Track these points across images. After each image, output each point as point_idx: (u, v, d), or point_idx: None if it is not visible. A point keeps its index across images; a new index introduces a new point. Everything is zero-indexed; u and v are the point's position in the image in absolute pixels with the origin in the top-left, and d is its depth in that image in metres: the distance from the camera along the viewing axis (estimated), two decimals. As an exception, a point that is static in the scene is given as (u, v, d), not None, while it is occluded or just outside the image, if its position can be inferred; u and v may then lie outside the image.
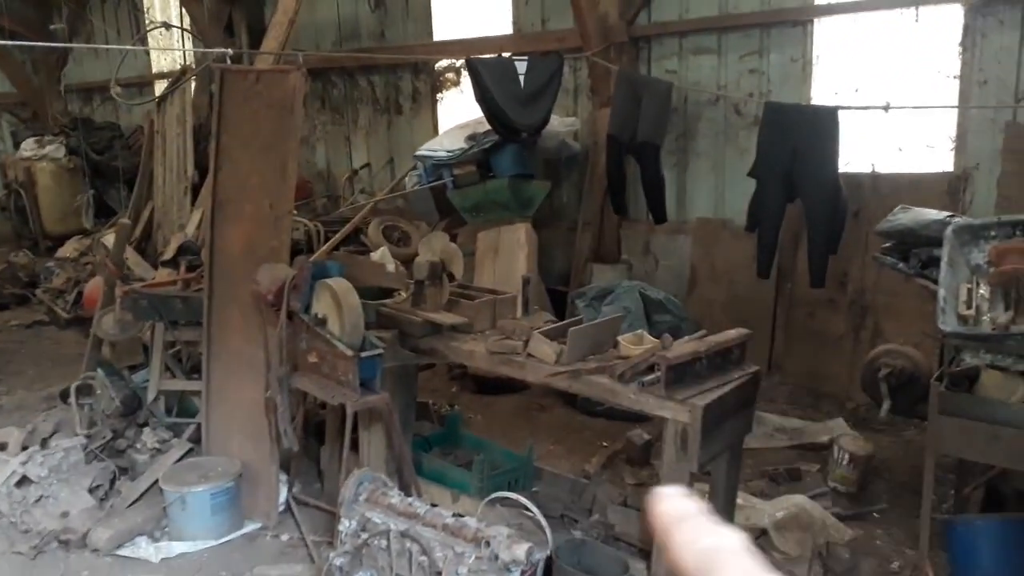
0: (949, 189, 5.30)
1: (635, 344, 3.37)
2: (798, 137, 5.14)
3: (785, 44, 5.96)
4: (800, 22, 5.88)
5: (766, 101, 5.59)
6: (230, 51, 4.63)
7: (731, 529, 0.41)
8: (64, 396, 4.65)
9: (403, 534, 2.83)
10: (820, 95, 5.85)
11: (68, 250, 8.64)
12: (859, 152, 5.64)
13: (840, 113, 5.07)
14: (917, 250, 3.75)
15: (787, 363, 5.98)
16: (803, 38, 5.89)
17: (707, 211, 6.52)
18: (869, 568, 3.59)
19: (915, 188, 5.31)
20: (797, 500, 3.83)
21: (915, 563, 3.50)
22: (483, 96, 6.02)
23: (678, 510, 0.42)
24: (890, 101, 5.18)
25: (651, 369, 3.11)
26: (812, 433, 4.95)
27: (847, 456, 4.26)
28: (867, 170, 5.68)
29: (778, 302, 6.02)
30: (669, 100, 6.01)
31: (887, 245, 3.95)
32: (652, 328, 4.83)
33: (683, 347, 3.11)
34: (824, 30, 5.84)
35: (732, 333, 3.31)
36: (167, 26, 10.13)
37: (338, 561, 2.91)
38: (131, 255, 7.06)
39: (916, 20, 5.37)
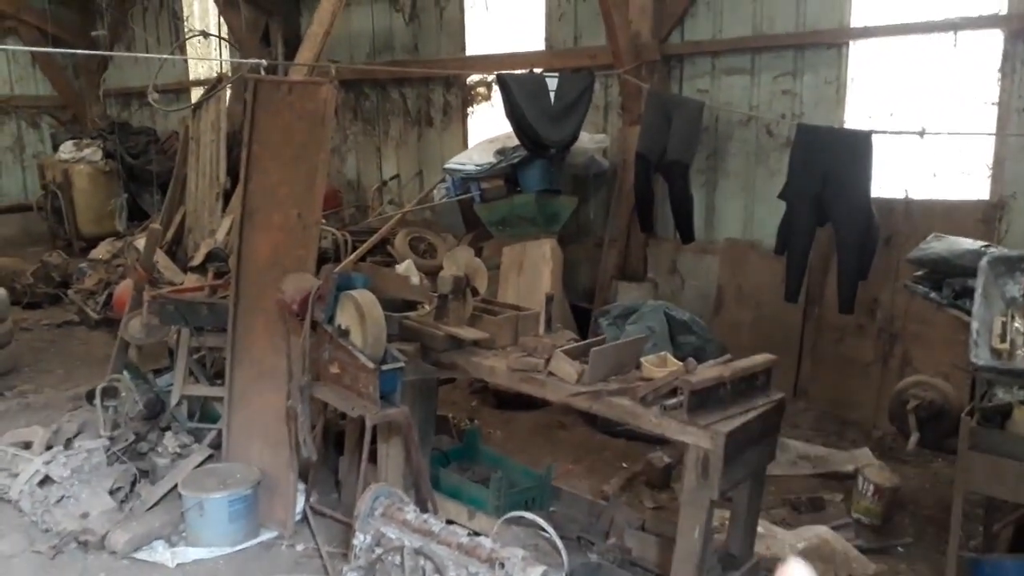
0: (984, 217, 5.20)
1: (658, 366, 3.33)
2: (830, 160, 5.08)
3: (819, 66, 5.91)
4: (835, 44, 5.82)
5: (798, 123, 5.54)
6: (264, 61, 4.69)
7: None
8: (90, 397, 4.70)
9: (417, 551, 2.81)
10: (854, 118, 5.79)
11: (101, 252, 8.78)
12: (892, 177, 5.56)
13: (874, 137, 5.00)
14: (950, 280, 3.68)
15: (813, 389, 5.89)
16: (838, 60, 5.83)
17: (736, 232, 6.46)
18: (893, 604, 3.50)
19: (949, 215, 5.22)
20: (819, 531, 3.75)
21: (940, 601, 3.40)
22: (513, 111, 6.03)
23: None
24: (926, 126, 5.11)
25: (674, 393, 3.07)
26: (837, 462, 4.86)
27: (872, 487, 4.17)
28: (900, 196, 5.59)
29: (805, 327, 5.93)
30: (700, 119, 5.98)
31: (919, 273, 3.88)
32: (676, 349, 4.78)
33: (707, 372, 3.07)
34: (859, 53, 5.78)
35: (758, 359, 3.25)
36: (205, 35, 10.32)
37: (352, 575, 2.90)
38: (162, 259, 7.17)
39: (954, 45, 5.29)
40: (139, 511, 4.00)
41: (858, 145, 5.03)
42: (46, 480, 4.02)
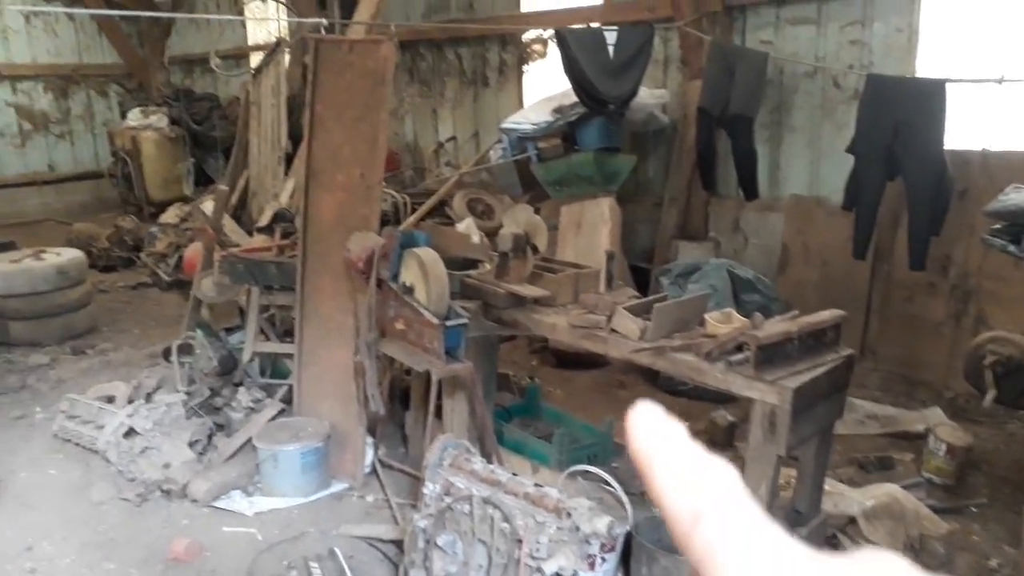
0: (1068, 168, 4.96)
1: (723, 323, 3.31)
2: (901, 112, 4.89)
3: (890, 13, 5.66)
4: (909, -10, 5.57)
5: (868, 73, 5.33)
6: (325, 21, 4.71)
7: (722, 463, 0.34)
8: (166, 354, 4.90)
9: (485, 500, 2.88)
10: (927, 67, 5.54)
11: (170, 216, 9.06)
12: (968, 128, 5.33)
13: (948, 86, 4.79)
14: (1031, 233, 3.53)
15: (881, 348, 5.76)
16: (910, 6, 5.57)
17: (801, 188, 6.30)
18: (965, 564, 3.45)
19: (1030, 167, 4.99)
20: (889, 489, 3.70)
21: (1016, 561, 3.34)
22: (571, 67, 5.95)
23: (662, 434, 0.35)
24: (1005, 74, 4.87)
25: (739, 348, 3.05)
26: (906, 421, 4.76)
27: (944, 446, 4.09)
28: (977, 148, 5.36)
29: (874, 285, 5.78)
30: (764, 72, 5.81)
31: (997, 226, 3.73)
32: (740, 308, 4.71)
33: (774, 327, 3.03)
34: (934, -2, 5.52)
35: (826, 314, 3.20)
36: (263, -1, 10.40)
37: (422, 523, 2.99)
38: (227, 222, 7.35)
39: (1039, -14, 5.01)
40: (217, 462, 4.18)
41: (931, 95, 4.83)
42: (130, 432, 4.23)
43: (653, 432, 0.35)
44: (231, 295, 4.97)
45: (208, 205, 6.73)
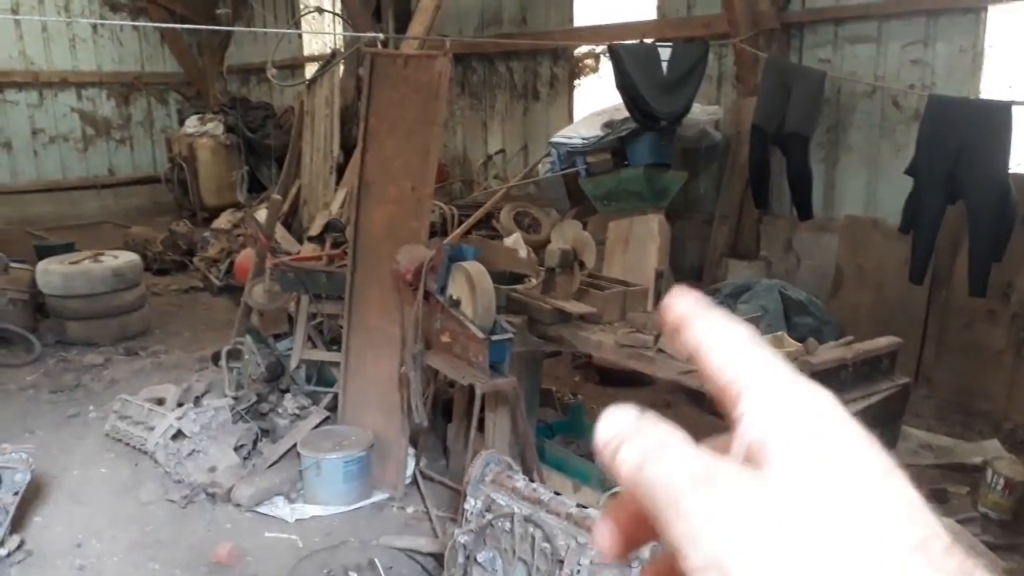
0: None
1: (775, 346, 3.24)
2: (964, 133, 4.76)
3: (954, 33, 5.52)
4: (973, 9, 5.42)
5: (930, 94, 5.21)
6: (381, 35, 4.77)
7: (742, 324, 0.38)
8: (215, 359, 4.99)
9: (527, 519, 2.85)
10: (991, 89, 5.38)
11: (223, 222, 9.24)
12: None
13: (1014, 109, 4.65)
14: (1102, 262, 3.39)
15: (937, 376, 5.58)
16: (975, 27, 5.43)
17: (857, 209, 6.16)
18: (1023, 605, 3.31)
19: (1099, 193, 4.80)
20: (944, 523, 3.57)
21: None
22: (624, 83, 5.93)
23: (695, 307, 0.38)
24: (1075, 96, 4.71)
25: (791, 373, 2.98)
26: (963, 453, 4.60)
27: (1002, 480, 3.93)
28: (1043, 172, 5.18)
29: (931, 310, 5.61)
30: (822, 90, 5.71)
31: (1066, 255, 3.59)
32: (791, 330, 4.62)
33: (828, 353, 2.96)
34: (1000, 18, 5.36)
35: (882, 341, 3.12)
36: (320, 11, 10.61)
37: (463, 539, 2.97)
38: (279, 230, 7.47)
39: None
40: (261, 468, 4.22)
41: (996, 117, 4.69)
42: (178, 435, 4.30)
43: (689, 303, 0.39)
44: (281, 302, 5.05)
45: (261, 213, 6.86)
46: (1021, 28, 5.27)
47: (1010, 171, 4.73)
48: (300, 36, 12.23)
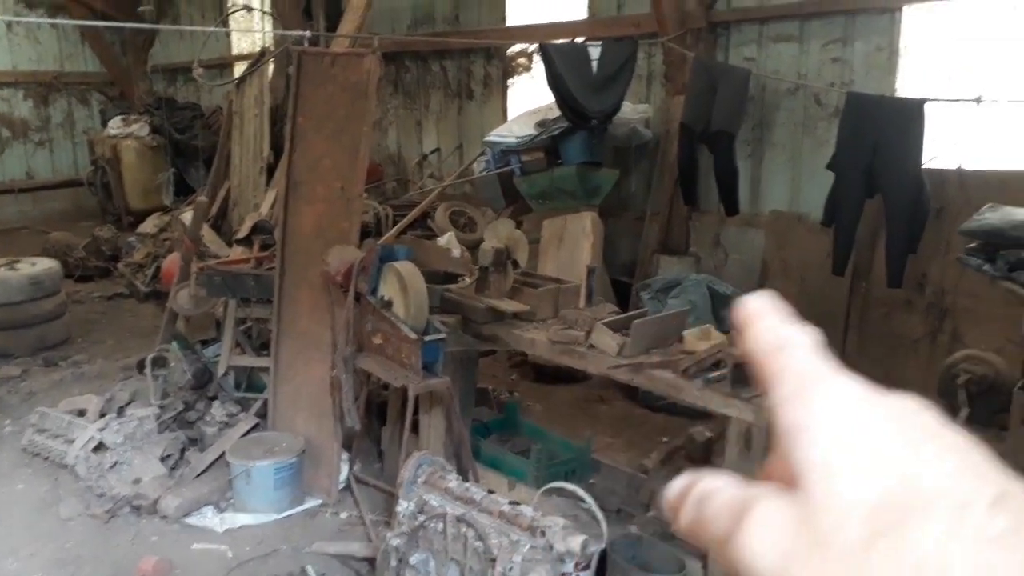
0: (1044, 188, 5.01)
1: (701, 339, 3.30)
2: (881, 130, 4.94)
3: (871, 32, 5.72)
4: (888, 9, 5.62)
5: (848, 91, 5.38)
6: (308, 33, 4.69)
7: (806, 327, 0.41)
8: (140, 367, 4.83)
9: (459, 519, 2.84)
10: (906, 87, 5.60)
11: (149, 226, 8.96)
12: (946, 147, 5.37)
13: (927, 106, 4.84)
14: (1005, 252, 3.57)
15: (859, 365, 5.71)
16: (891, 26, 5.63)
17: (782, 204, 6.33)
18: None
19: (1005, 187, 5.03)
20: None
21: None
22: (555, 82, 5.97)
23: (765, 305, 0.42)
24: (982, 94, 4.92)
25: (717, 366, 3.04)
26: (883, 438, 4.77)
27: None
28: (953, 167, 5.41)
29: (852, 301, 5.81)
30: (746, 88, 5.84)
31: (972, 245, 3.76)
32: (719, 324, 4.71)
33: (751, 345, 3.02)
34: (914, 18, 5.58)
35: (803, 332, 3.20)
36: (248, 8, 10.39)
37: (395, 542, 2.94)
38: (207, 233, 7.28)
39: (1014, 8, 5.07)
40: (188, 477, 4.11)
41: (910, 114, 4.88)
42: (100, 446, 4.15)
43: (762, 304, 0.42)
44: (207, 307, 4.92)
45: (188, 216, 6.67)
46: (934, 27, 5.49)
47: (923, 166, 4.92)
48: (228, 35, 11.95)
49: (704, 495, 0.38)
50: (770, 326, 0.41)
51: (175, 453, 4.24)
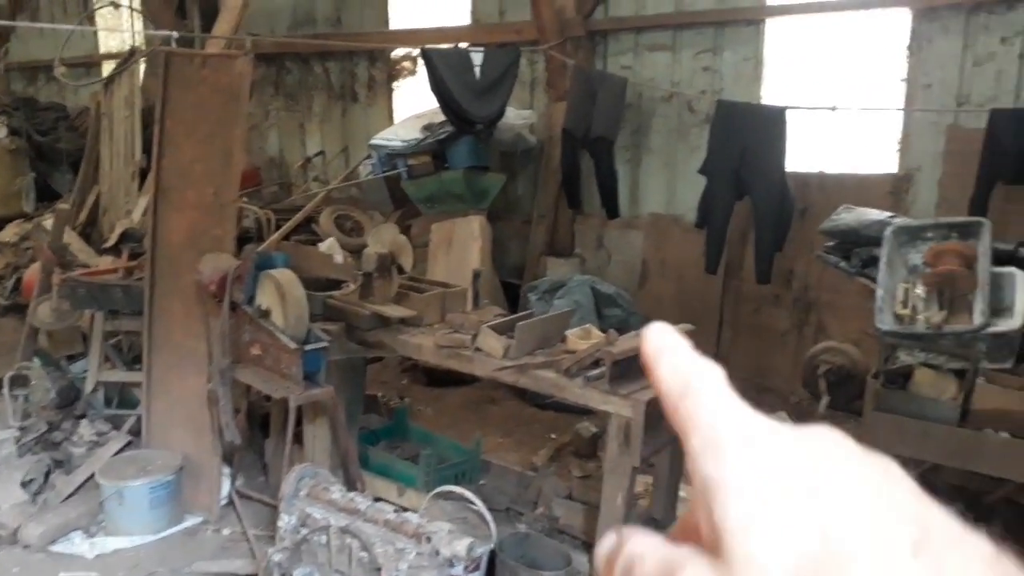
0: (893, 190, 5.43)
1: (582, 339, 3.39)
2: (748, 136, 5.22)
3: (738, 43, 6.03)
4: (753, 21, 5.95)
5: (718, 99, 5.65)
6: (175, 34, 4.51)
7: (711, 362, 0.41)
8: (-2, 387, 4.50)
9: (343, 530, 2.80)
10: (771, 95, 5.94)
11: (7, 235, 8.35)
12: (807, 152, 5.74)
13: (788, 113, 5.16)
14: (859, 249, 3.84)
15: (733, 357, 6.07)
16: (756, 37, 5.96)
17: (659, 207, 6.57)
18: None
19: (861, 188, 5.43)
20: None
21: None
22: (438, 87, 5.98)
23: (665, 341, 0.42)
24: (838, 102, 5.29)
25: (596, 364, 3.13)
26: (756, 427, 5.02)
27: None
28: (815, 170, 5.78)
29: (725, 298, 6.10)
30: (623, 96, 6.04)
31: (830, 244, 4.03)
32: (603, 322, 4.86)
33: (628, 342, 3.13)
34: (776, 30, 5.92)
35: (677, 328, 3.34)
36: (115, 5, 9.85)
37: (277, 557, 2.88)
38: (75, 241, 6.85)
39: (865, 24, 5.47)
40: (54, 502, 3.86)
41: (773, 121, 5.18)
42: (-48, 474, 3.84)
43: (662, 341, 0.42)
44: (71, 321, 4.64)
45: (50, 223, 6.27)
46: (794, 40, 5.84)
47: (786, 170, 5.23)
48: (95, 33, 11.30)
49: (631, 560, 0.38)
50: (674, 366, 0.40)
51: (38, 477, 3.98)
